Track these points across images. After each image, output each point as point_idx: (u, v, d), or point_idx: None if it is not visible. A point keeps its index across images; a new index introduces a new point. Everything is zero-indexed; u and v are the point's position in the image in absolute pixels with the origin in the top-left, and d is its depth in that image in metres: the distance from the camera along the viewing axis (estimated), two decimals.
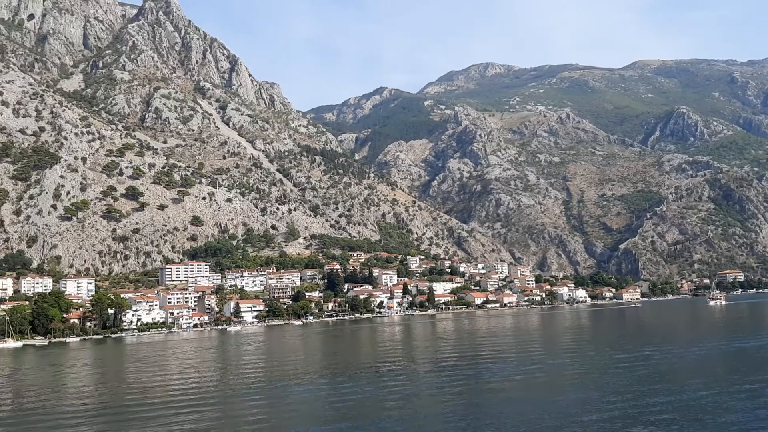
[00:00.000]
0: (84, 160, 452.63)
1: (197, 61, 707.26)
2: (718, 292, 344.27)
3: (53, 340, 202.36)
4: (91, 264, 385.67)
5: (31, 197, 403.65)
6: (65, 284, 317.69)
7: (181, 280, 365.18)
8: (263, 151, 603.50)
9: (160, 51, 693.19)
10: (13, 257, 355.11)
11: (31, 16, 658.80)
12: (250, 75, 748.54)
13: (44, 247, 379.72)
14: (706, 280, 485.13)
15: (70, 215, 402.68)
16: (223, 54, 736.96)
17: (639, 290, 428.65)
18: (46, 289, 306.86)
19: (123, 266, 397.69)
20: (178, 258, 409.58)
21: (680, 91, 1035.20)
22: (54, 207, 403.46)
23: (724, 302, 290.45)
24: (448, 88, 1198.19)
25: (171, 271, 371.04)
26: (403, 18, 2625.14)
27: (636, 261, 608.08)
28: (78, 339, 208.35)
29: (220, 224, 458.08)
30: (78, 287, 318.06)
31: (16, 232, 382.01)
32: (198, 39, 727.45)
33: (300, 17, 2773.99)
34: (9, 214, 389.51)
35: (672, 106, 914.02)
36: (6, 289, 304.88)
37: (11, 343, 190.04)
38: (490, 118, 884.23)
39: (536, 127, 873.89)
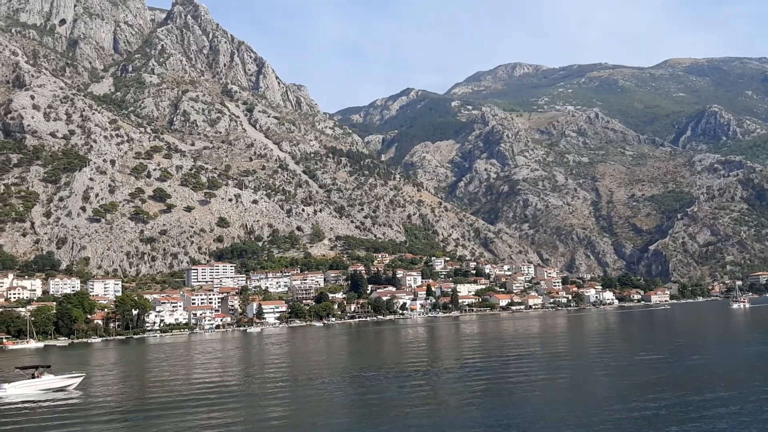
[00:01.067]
0: (113, 162, 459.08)
1: (225, 64, 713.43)
2: (742, 294, 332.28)
3: (76, 341, 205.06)
4: (119, 265, 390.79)
5: (61, 199, 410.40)
6: (92, 285, 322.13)
7: (207, 281, 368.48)
8: (289, 152, 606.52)
9: (189, 54, 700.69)
10: (42, 259, 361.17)
11: (63, 21, 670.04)
12: (276, 77, 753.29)
13: (73, 249, 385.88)
14: (739, 282, 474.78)
15: (98, 217, 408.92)
16: (250, 57, 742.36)
17: (668, 292, 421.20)
18: (74, 290, 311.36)
19: (150, 267, 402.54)
20: (205, 259, 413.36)
21: (712, 90, 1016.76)
22: (83, 209, 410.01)
23: (748, 305, 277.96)
24: (476, 89, 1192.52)
25: (197, 273, 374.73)
26: (430, 18, 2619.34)
27: (666, 262, 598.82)
28: (100, 340, 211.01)
29: (246, 226, 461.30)
30: (105, 288, 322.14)
31: (46, 233, 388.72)
32: (225, 42, 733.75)
33: (328, 19, 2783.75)
34: (39, 216, 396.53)
35: (704, 105, 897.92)
36: (35, 290, 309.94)
37: (33, 344, 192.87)
38: (517, 118, 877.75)
39: (564, 127, 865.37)
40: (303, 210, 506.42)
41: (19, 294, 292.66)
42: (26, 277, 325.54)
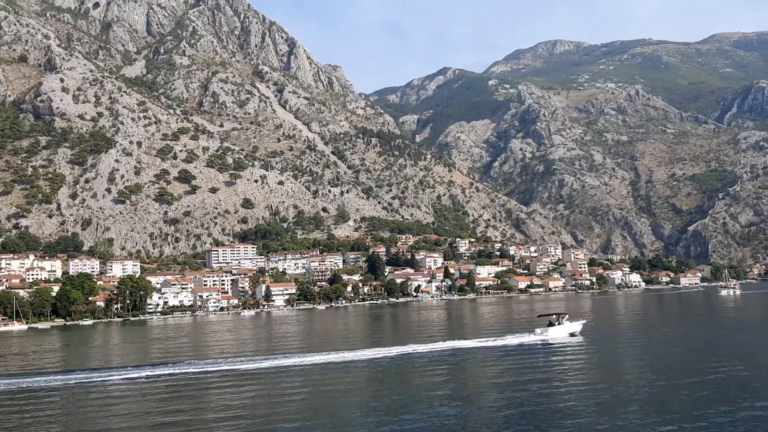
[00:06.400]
0: (139, 144, 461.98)
1: (256, 45, 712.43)
2: (732, 280, 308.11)
3: (69, 323, 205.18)
4: (142, 246, 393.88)
5: (87, 181, 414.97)
6: (111, 266, 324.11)
7: (227, 263, 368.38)
8: (319, 133, 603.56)
9: (220, 36, 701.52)
10: (66, 240, 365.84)
11: (96, 5, 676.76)
12: (308, 57, 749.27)
13: (98, 230, 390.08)
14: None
15: (123, 198, 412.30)
16: (282, 37, 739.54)
17: (699, 275, 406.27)
18: (93, 271, 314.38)
19: (174, 248, 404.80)
20: (228, 240, 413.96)
21: (761, 65, 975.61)
22: (108, 190, 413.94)
23: (738, 292, 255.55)
24: (515, 67, 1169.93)
25: (218, 254, 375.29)
26: None
27: (706, 243, 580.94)
28: (92, 322, 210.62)
29: (271, 207, 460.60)
30: (123, 269, 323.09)
31: (71, 215, 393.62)
32: (257, 23, 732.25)
33: None
34: (65, 197, 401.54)
35: (752, 80, 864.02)
36: (55, 271, 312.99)
37: (17, 326, 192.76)
38: (554, 96, 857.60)
39: (603, 105, 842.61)
40: (329, 191, 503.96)
41: (37, 275, 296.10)
42: (47, 258, 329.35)
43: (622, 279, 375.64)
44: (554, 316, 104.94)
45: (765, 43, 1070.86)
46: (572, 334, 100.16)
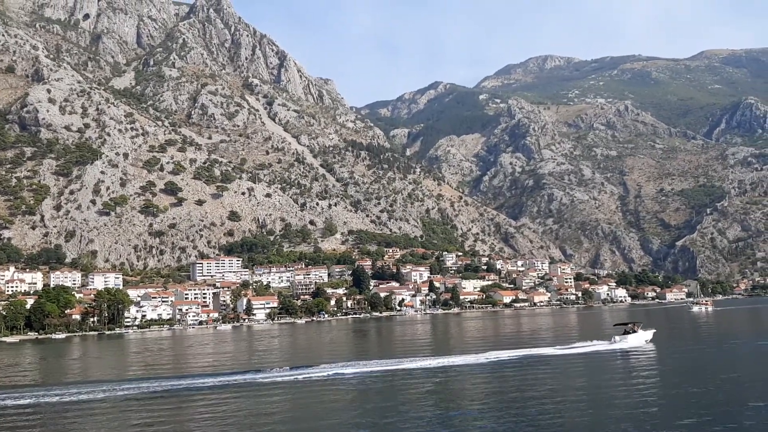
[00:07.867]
0: (125, 155, 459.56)
1: (246, 58, 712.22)
2: (704, 297, 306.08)
3: (41, 337, 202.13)
4: (126, 259, 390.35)
5: (72, 192, 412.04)
6: (93, 279, 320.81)
7: (212, 276, 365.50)
8: (308, 146, 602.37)
9: (210, 48, 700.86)
10: (48, 252, 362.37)
11: (86, 16, 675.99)
12: (299, 71, 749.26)
13: (81, 242, 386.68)
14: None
15: (108, 210, 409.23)
16: (272, 50, 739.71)
17: (685, 290, 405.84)
18: (74, 284, 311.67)
19: (158, 261, 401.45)
20: (214, 253, 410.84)
21: (749, 82, 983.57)
22: (93, 202, 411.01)
23: (710, 308, 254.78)
24: (505, 82, 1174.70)
25: (202, 267, 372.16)
26: (466, 9, 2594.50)
27: (694, 259, 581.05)
28: (64, 336, 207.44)
29: (258, 219, 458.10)
30: (105, 281, 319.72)
31: (55, 227, 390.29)
32: (247, 35, 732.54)
33: (362, 12, 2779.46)
34: (49, 209, 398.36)
35: (740, 97, 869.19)
36: (35, 283, 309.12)
37: None
38: (544, 111, 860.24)
39: (593, 120, 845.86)
40: (317, 204, 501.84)
41: (16, 287, 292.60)
42: (28, 270, 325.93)
43: (607, 294, 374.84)
44: (630, 325, 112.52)
45: (753, 60, 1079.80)
46: (647, 341, 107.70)
